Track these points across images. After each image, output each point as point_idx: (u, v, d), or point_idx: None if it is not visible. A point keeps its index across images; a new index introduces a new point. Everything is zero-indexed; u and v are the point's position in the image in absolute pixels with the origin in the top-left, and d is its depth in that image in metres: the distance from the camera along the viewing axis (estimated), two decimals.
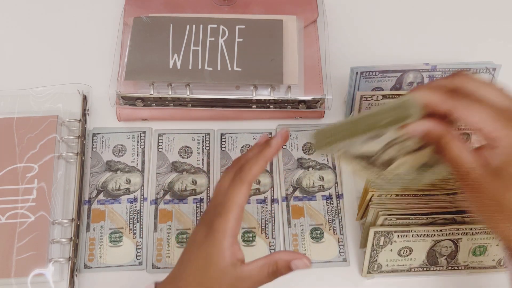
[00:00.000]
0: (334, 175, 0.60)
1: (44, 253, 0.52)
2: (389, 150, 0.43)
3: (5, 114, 0.59)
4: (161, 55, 0.58)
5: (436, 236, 0.51)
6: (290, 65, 0.59)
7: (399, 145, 0.42)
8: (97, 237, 0.56)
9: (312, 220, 0.57)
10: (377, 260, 0.52)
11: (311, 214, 0.58)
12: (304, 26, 0.64)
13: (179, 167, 0.59)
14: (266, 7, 0.65)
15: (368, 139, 0.41)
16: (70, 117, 0.59)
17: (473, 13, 0.72)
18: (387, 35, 0.69)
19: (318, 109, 0.61)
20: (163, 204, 0.58)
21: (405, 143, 0.42)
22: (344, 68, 0.60)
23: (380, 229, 0.50)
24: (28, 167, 0.56)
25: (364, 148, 0.42)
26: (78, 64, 0.65)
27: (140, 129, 0.61)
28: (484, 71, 0.59)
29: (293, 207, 0.58)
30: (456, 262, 0.53)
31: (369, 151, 0.43)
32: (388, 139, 0.42)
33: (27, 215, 0.54)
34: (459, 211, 0.50)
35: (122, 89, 0.58)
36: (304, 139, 0.62)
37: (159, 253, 0.55)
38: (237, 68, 0.58)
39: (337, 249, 0.56)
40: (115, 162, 0.59)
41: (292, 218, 0.57)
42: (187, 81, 0.58)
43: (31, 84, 0.62)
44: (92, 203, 0.57)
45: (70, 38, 0.67)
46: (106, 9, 0.69)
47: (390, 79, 0.59)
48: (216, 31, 0.60)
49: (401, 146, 0.42)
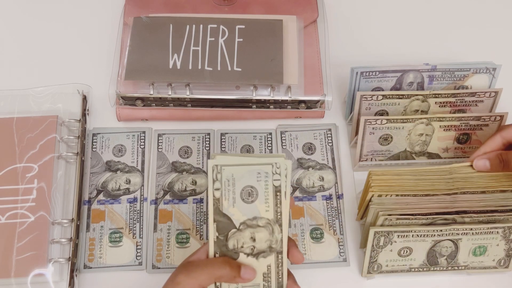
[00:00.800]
0: (334, 175, 0.60)
1: (44, 253, 0.52)
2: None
3: (5, 114, 0.59)
4: (161, 55, 0.58)
5: (436, 236, 0.51)
6: (290, 65, 0.59)
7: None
8: (97, 237, 0.56)
9: (312, 220, 0.57)
10: (377, 260, 0.52)
11: (311, 214, 0.58)
12: (304, 26, 0.64)
13: (179, 167, 0.59)
14: (266, 7, 0.65)
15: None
16: (70, 117, 0.59)
17: (473, 13, 0.72)
18: (387, 35, 0.69)
19: (318, 109, 0.61)
20: (163, 204, 0.58)
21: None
22: (344, 68, 0.60)
23: (380, 229, 0.50)
24: (28, 167, 0.56)
25: None
26: (78, 64, 0.65)
27: (140, 129, 0.61)
28: (484, 71, 0.59)
29: (293, 207, 0.58)
30: (456, 262, 0.53)
31: None
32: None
33: (27, 215, 0.54)
34: (459, 211, 0.50)
35: (122, 89, 0.58)
36: (304, 139, 0.61)
37: (159, 253, 0.55)
38: (237, 68, 0.58)
39: (337, 249, 0.56)
40: (115, 162, 0.59)
41: (292, 218, 0.57)
42: (187, 81, 0.58)
43: (31, 84, 0.62)
44: (92, 203, 0.57)
45: (70, 38, 0.68)
46: (106, 9, 0.69)
47: (390, 79, 0.59)
48: (216, 31, 0.60)
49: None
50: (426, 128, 0.56)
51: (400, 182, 0.51)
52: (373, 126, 0.56)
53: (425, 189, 0.50)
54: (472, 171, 0.51)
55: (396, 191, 0.50)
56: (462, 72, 0.59)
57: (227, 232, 0.40)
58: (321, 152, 0.61)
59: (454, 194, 0.50)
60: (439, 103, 0.58)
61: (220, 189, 0.38)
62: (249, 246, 0.40)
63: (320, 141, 0.61)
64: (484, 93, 0.58)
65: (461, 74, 0.59)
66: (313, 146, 0.61)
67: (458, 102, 0.58)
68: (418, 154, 0.59)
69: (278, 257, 0.40)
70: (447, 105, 0.58)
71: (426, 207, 0.50)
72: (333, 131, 0.62)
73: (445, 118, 0.56)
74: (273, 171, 0.39)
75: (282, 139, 0.61)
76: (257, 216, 0.39)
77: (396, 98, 0.57)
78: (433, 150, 0.59)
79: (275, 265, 0.41)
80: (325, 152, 0.61)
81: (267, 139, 0.61)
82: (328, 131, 0.62)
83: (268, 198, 0.39)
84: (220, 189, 0.38)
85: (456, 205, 0.50)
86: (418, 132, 0.57)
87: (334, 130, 0.62)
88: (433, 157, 0.59)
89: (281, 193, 0.39)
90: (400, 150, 0.58)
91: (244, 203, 0.39)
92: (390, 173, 0.51)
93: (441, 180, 0.51)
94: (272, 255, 0.40)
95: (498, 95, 0.58)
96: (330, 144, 0.61)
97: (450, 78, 0.59)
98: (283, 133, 0.62)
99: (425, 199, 0.50)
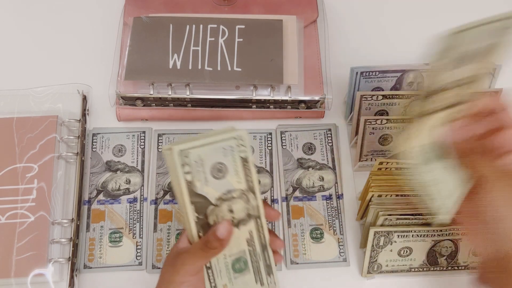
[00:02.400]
0: (334, 175, 0.60)
1: (44, 253, 0.52)
2: (451, 91, 0.42)
3: (5, 114, 0.59)
4: (161, 55, 0.58)
5: (436, 236, 0.51)
6: (290, 65, 0.59)
7: (459, 90, 0.42)
8: (97, 237, 0.56)
9: (312, 220, 0.57)
10: (377, 260, 0.52)
11: (311, 214, 0.58)
12: (304, 26, 0.64)
13: None
14: (266, 7, 0.65)
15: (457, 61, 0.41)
16: (70, 117, 0.59)
17: (473, 13, 0.72)
18: (387, 35, 0.69)
19: (318, 109, 0.61)
20: (163, 204, 0.58)
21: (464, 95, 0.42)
22: (344, 68, 0.60)
23: (380, 229, 0.50)
24: (28, 167, 0.56)
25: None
26: (78, 64, 0.65)
27: (140, 129, 0.61)
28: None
29: (293, 207, 0.58)
30: (456, 262, 0.53)
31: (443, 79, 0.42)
32: (464, 75, 0.41)
33: (27, 215, 0.54)
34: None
35: (122, 89, 0.58)
36: (304, 139, 0.62)
37: (159, 253, 0.55)
38: (237, 68, 0.58)
39: (337, 249, 0.56)
40: (115, 162, 0.59)
41: (292, 218, 0.57)
42: (187, 81, 0.58)
43: (31, 84, 0.62)
44: (92, 203, 0.57)
45: (70, 38, 0.68)
46: (106, 9, 0.69)
47: (390, 79, 0.59)
48: (216, 31, 0.60)
49: (459, 94, 0.42)
50: None
51: (400, 182, 0.51)
52: (373, 126, 0.56)
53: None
54: None
55: (396, 191, 0.50)
56: None
57: (205, 211, 0.41)
58: (321, 152, 0.61)
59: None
60: None
61: (190, 172, 0.39)
62: (228, 218, 0.41)
63: (320, 141, 0.61)
64: (484, 93, 0.58)
65: None
66: (313, 146, 0.61)
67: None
68: None
69: (257, 222, 0.43)
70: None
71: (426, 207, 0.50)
72: (333, 131, 0.62)
73: None
74: (237, 144, 0.41)
75: (282, 139, 0.61)
76: (231, 189, 0.41)
77: (396, 98, 0.57)
78: None
79: (256, 230, 0.43)
80: (325, 152, 0.61)
81: (267, 139, 0.61)
82: (328, 131, 0.62)
83: (237, 170, 0.41)
84: (191, 172, 0.39)
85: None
86: None
87: (334, 130, 0.62)
88: None
89: (248, 163, 0.41)
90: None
91: (216, 180, 0.41)
92: (390, 173, 0.51)
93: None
94: (252, 221, 0.42)
95: (498, 95, 0.58)
96: (330, 144, 0.61)
97: None
98: (283, 133, 0.62)
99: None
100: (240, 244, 0.42)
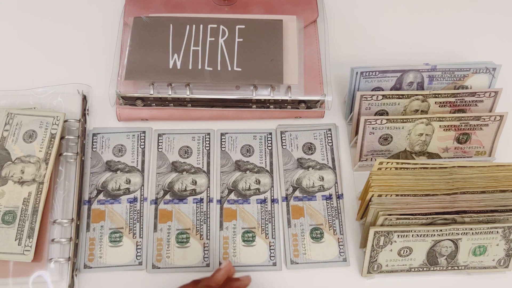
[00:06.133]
0: (334, 175, 0.60)
1: (44, 253, 0.52)
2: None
3: None
4: (161, 55, 0.58)
5: (436, 236, 0.51)
6: (290, 65, 0.59)
7: None
8: (97, 237, 0.56)
9: (312, 220, 0.57)
10: (377, 260, 0.52)
11: (311, 214, 0.58)
12: (304, 26, 0.64)
13: (179, 167, 0.59)
14: (266, 7, 0.65)
15: None
16: (70, 117, 0.59)
17: (473, 13, 0.72)
18: (387, 35, 0.69)
19: (318, 109, 0.61)
20: (163, 204, 0.58)
21: None
22: (344, 68, 0.61)
23: (380, 229, 0.50)
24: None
25: None
26: (78, 64, 0.65)
27: (140, 129, 0.61)
28: (484, 71, 0.59)
29: (293, 207, 0.58)
30: (456, 262, 0.53)
31: None
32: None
33: None
34: (459, 211, 0.50)
35: (122, 89, 0.58)
36: (304, 139, 0.62)
37: (159, 253, 0.55)
38: (237, 68, 0.58)
39: (337, 249, 0.56)
40: (115, 162, 0.59)
41: (292, 218, 0.57)
42: (187, 81, 0.58)
43: (31, 84, 0.62)
44: (92, 203, 0.57)
45: (70, 38, 0.68)
46: (106, 9, 0.69)
47: (390, 79, 0.59)
48: (216, 31, 0.60)
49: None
50: (426, 128, 0.57)
51: (400, 182, 0.51)
52: (373, 126, 0.56)
53: (425, 189, 0.51)
54: (472, 171, 0.51)
55: (396, 191, 0.51)
56: (462, 72, 0.59)
57: (3, 163, 0.53)
58: (321, 152, 0.61)
59: (454, 194, 0.50)
60: (439, 103, 0.58)
61: (8, 130, 0.51)
62: (17, 176, 0.52)
63: (320, 141, 0.61)
64: (484, 93, 0.58)
65: (461, 74, 0.59)
66: (313, 146, 0.61)
67: (458, 102, 0.58)
68: (418, 154, 0.59)
69: (39, 187, 0.52)
70: (447, 105, 0.58)
71: (426, 207, 0.50)
72: (333, 131, 0.62)
73: (445, 118, 0.56)
74: (53, 122, 0.55)
75: (282, 139, 0.61)
76: (32, 154, 0.53)
77: (396, 98, 0.57)
78: (433, 150, 0.59)
79: (34, 193, 0.52)
80: (325, 152, 0.61)
81: (267, 139, 0.61)
82: (328, 131, 0.62)
83: (44, 141, 0.54)
84: (9, 130, 0.51)
85: (456, 205, 0.50)
86: (418, 132, 0.57)
87: (334, 130, 0.62)
88: (433, 157, 0.59)
89: (55, 139, 0.54)
90: (400, 150, 0.58)
91: (25, 143, 0.53)
92: (390, 173, 0.51)
93: (441, 180, 0.51)
94: (34, 185, 0.52)
95: (498, 95, 0.58)
96: (330, 144, 0.61)
97: (450, 78, 0.59)
98: (283, 133, 0.62)
99: (425, 199, 0.50)
100: (18, 200, 0.51)
